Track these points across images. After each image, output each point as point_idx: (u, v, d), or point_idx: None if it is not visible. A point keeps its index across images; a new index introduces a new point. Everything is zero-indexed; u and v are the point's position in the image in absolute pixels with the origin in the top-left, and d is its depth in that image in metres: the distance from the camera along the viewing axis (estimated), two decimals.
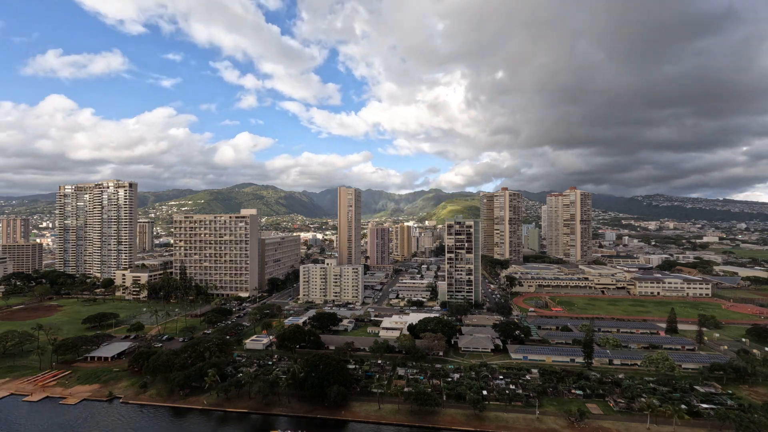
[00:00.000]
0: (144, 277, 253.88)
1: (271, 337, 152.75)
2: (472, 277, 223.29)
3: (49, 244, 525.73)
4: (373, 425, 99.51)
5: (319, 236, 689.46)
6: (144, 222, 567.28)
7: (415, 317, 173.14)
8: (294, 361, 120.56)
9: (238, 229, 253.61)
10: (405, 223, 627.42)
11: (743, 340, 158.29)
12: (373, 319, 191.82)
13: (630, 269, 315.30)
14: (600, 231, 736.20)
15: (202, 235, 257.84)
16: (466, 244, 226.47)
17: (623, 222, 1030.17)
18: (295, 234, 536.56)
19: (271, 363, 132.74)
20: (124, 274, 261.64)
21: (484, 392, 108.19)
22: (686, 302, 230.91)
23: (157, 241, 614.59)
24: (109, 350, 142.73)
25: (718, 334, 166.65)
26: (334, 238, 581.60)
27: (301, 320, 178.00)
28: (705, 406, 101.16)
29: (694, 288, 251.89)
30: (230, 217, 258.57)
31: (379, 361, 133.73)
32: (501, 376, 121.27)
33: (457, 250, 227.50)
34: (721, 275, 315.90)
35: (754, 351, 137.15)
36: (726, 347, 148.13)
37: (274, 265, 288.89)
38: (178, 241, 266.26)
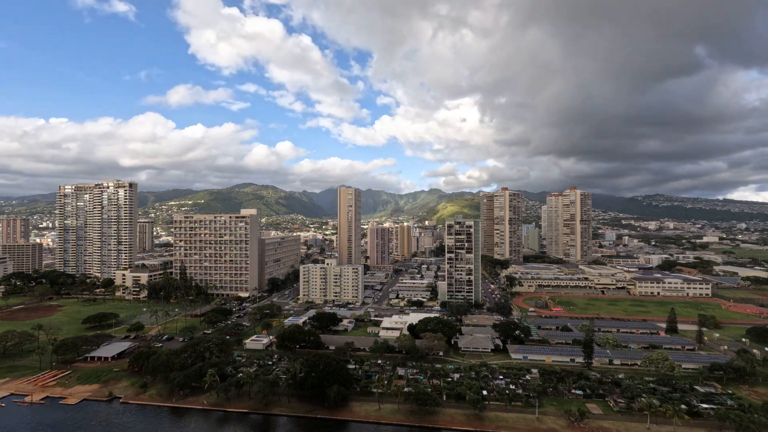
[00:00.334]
0: (144, 277, 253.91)
1: (271, 337, 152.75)
2: (472, 277, 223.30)
3: (49, 244, 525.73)
4: (373, 425, 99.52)
5: (319, 236, 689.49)
6: (144, 222, 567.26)
7: (415, 317, 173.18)
8: (294, 361, 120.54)
9: (238, 229, 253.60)
10: (405, 223, 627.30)
11: (743, 340, 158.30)
12: (373, 319, 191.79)
13: (630, 269, 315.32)
14: (600, 231, 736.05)
15: (202, 235, 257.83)
16: (466, 244, 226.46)
17: (623, 222, 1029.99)
18: (295, 234, 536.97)
19: (271, 363, 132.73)
20: (124, 274, 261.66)
21: (484, 392, 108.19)
22: (686, 302, 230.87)
23: (157, 241, 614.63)
24: (109, 350, 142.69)
25: (718, 334, 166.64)
26: (334, 238, 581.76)
27: (301, 320, 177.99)
28: (705, 406, 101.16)
29: (694, 288, 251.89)
30: (230, 217, 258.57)
31: (379, 361, 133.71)
32: (501, 376, 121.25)
33: (457, 250, 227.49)
34: (721, 275, 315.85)
35: (754, 351, 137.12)
36: (726, 347, 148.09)
37: (274, 265, 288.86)
38: (178, 241, 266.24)
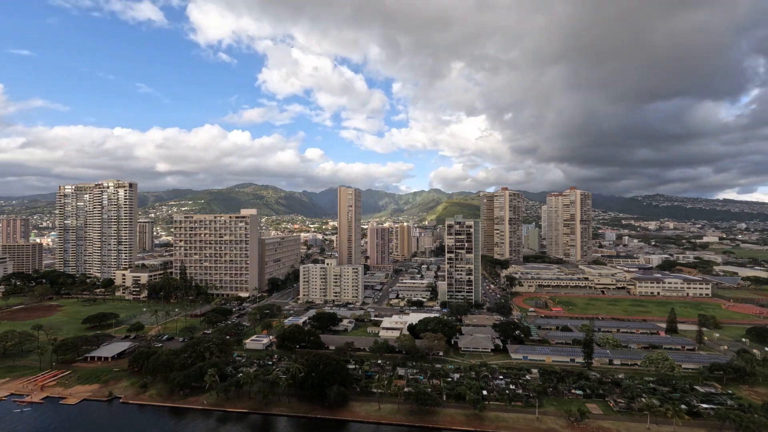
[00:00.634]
0: (144, 277, 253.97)
1: (271, 337, 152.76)
2: (472, 277, 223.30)
3: (49, 244, 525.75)
4: (373, 425, 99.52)
5: (319, 236, 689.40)
6: (144, 222, 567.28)
7: (415, 317, 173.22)
8: (294, 361, 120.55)
9: (238, 229, 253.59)
10: (405, 223, 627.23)
11: (743, 340, 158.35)
12: (373, 319, 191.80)
13: (630, 269, 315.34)
14: (600, 231, 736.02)
15: (202, 235, 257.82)
16: (466, 244, 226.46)
17: (623, 222, 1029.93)
18: (295, 234, 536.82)
19: (271, 363, 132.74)
20: (124, 274, 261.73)
21: (484, 392, 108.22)
22: (686, 302, 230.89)
23: (157, 241, 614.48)
24: (109, 350, 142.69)
25: (718, 334, 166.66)
26: (334, 238, 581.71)
27: (301, 320, 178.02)
28: (705, 406, 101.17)
29: (694, 288, 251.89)
30: (230, 217, 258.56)
31: (379, 361, 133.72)
32: (501, 376, 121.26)
33: (457, 250, 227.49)
34: (721, 275, 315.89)
35: (754, 351, 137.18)
36: (726, 347, 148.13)
37: (274, 265, 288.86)
38: (178, 241, 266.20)
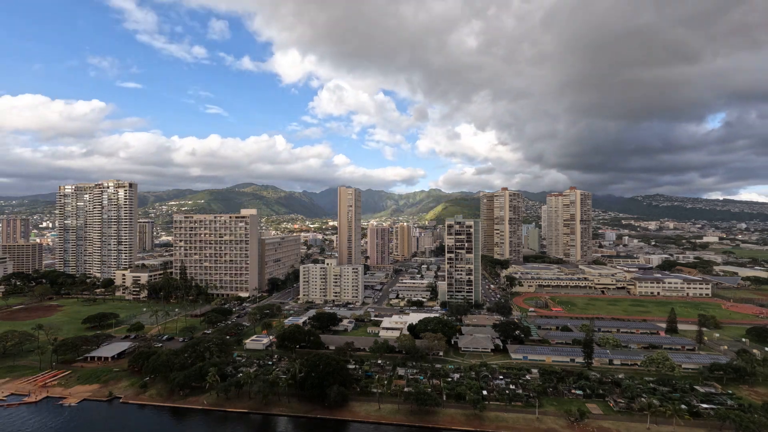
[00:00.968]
0: (144, 277, 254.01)
1: (271, 337, 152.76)
2: (472, 277, 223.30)
3: (49, 244, 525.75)
4: (373, 425, 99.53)
5: (319, 236, 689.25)
6: (144, 222, 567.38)
7: (415, 317, 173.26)
8: (294, 361, 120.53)
9: (238, 229, 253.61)
10: (405, 223, 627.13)
11: (743, 340, 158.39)
12: (373, 319, 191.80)
13: (630, 269, 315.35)
14: (600, 231, 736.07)
15: (202, 235, 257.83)
16: (466, 244, 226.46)
17: (623, 222, 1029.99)
18: (295, 234, 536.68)
19: (271, 363, 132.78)
20: (124, 274, 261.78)
21: (484, 392, 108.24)
22: (686, 302, 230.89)
23: (157, 241, 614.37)
24: (109, 350, 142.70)
25: (718, 334, 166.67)
26: (334, 238, 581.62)
27: (301, 320, 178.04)
28: (705, 406, 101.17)
29: (694, 288, 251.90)
30: (230, 217, 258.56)
31: (379, 361, 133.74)
32: (501, 376, 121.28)
33: (457, 250, 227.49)
34: (721, 275, 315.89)
35: (754, 351, 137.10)
36: (726, 347, 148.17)
37: (274, 265, 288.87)
38: (178, 241, 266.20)
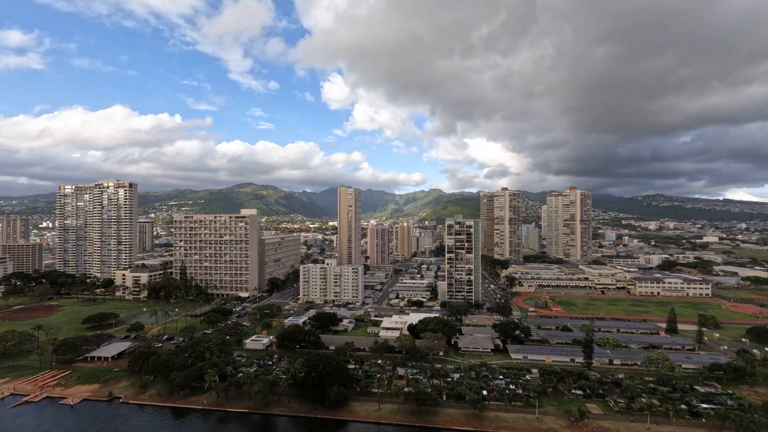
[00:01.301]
0: (144, 277, 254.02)
1: (271, 337, 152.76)
2: (472, 277, 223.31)
3: (49, 244, 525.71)
4: (373, 425, 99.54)
5: (319, 236, 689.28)
6: (144, 222, 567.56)
7: (415, 317, 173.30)
8: (294, 361, 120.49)
9: (238, 229, 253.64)
10: (405, 223, 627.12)
11: (743, 340, 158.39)
12: (373, 319, 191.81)
13: (630, 269, 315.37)
14: (600, 231, 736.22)
15: (202, 235, 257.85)
16: (466, 244, 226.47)
17: (623, 222, 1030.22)
18: (295, 234, 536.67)
19: (271, 363, 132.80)
20: (124, 274, 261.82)
21: (484, 392, 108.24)
22: (686, 302, 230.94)
23: (157, 241, 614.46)
24: (109, 350, 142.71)
25: (718, 334, 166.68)
26: (334, 238, 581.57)
27: (301, 320, 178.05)
28: (705, 406, 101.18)
29: (694, 288, 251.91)
30: (230, 217, 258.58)
31: (379, 361, 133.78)
32: (501, 376, 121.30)
33: (457, 250, 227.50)
34: (721, 275, 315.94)
35: (754, 351, 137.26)
36: (726, 347, 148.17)
37: (274, 265, 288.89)
38: (178, 241, 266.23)
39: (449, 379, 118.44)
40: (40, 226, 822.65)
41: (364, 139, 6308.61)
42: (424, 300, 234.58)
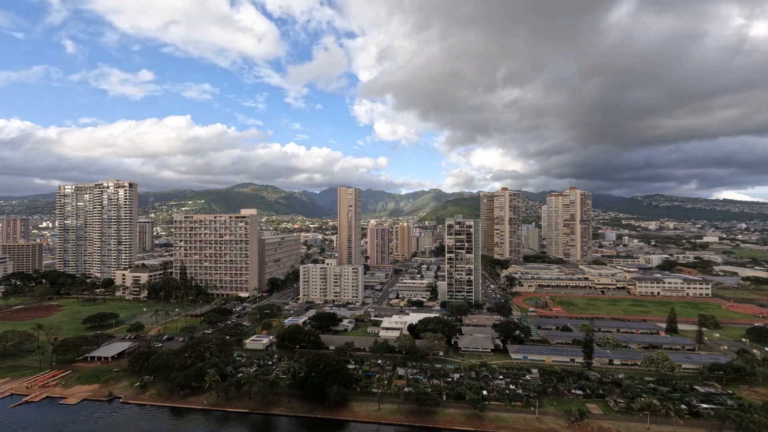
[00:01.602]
0: (144, 277, 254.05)
1: (271, 337, 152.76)
2: (472, 277, 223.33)
3: (49, 244, 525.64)
4: (373, 425, 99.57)
5: (319, 236, 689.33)
6: (144, 222, 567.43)
7: (415, 317, 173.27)
8: (294, 361, 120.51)
9: (238, 229, 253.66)
10: (405, 223, 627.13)
11: (743, 340, 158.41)
12: (373, 319, 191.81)
13: (630, 269, 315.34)
14: (600, 231, 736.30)
15: (202, 235, 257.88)
16: (466, 244, 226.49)
17: (623, 222, 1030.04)
18: (295, 234, 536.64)
19: (271, 363, 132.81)
20: (124, 274, 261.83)
21: (484, 392, 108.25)
22: (686, 302, 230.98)
23: (157, 241, 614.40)
24: (109, 350, 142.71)
25: (718, 334, 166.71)
26: (334, 238, 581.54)
27: (301, 320, 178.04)
28: (705, 406, 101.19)
29: (694, 288, 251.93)
30: (230, 217, 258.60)
31: (379, 361, 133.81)
32: (501, 376, 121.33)
33: (457, 250, 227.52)
34: (721, 275, 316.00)
35: (754, 351, 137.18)
36: (726, 347, 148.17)
37: (274, 265, 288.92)
38: (178, 241, 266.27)
39: (449, 379, 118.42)
40: (40, 226, 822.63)
41: (383, 149, 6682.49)
42: (424, 300, 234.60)
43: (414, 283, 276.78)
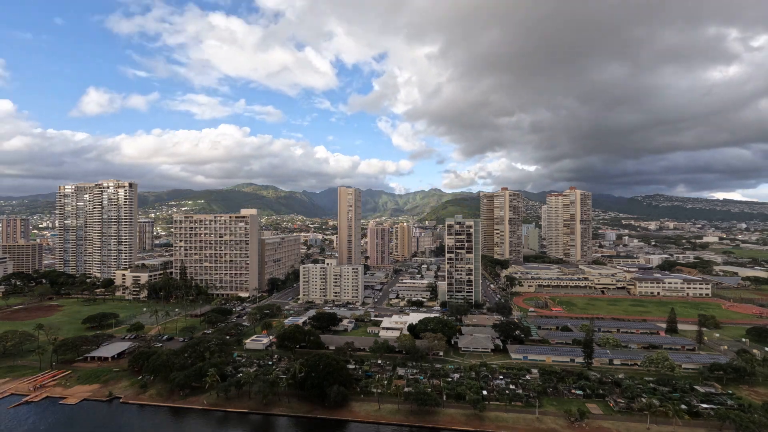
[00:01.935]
0: (144, 277, 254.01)
1: (271, 337, 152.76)
2: (472, 277, 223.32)
3: (49, 244, 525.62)
4: (373, 425, 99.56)
5: (319, 236, 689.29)
6: (144, 222, 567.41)
7: (415, 317, 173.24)
8: (294, 361, 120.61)
9: (238, 229, 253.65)
10: (405, 223, 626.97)
11: (743, 340, 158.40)
12: (373, 319, 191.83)
13: (630, 269, 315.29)
14: (600, 231, 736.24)
15: (202, 235, 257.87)
16: (466, 244, 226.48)
17: (623, 222, 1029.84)
18: (295, 234, 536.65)
19: (271, 363, 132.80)
20: (124, 274, 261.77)
21: (484, 392, 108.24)
22: (686, 302, 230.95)
23: (157, 241, 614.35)
24: (109, 350, 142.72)
25: (718, 334, 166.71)
26: (334, 238, 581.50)
27: (301, 320, 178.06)
28: (705, 406, 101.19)
29: (694, 288, 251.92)
30: (230, 217, 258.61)
31: (379, 361, 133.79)
32: (501, 376, 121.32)
33: (457, 250, 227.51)
34: (721, 275, 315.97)
35: (754, 351, 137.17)
36: (726, 347, 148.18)
37: (274, 265, 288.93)
38: (178, 241, 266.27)
39: (449, 379, 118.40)
40: (40, 226, 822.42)
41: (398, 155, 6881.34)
42: (424, 300, 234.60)
43: (414, 283, 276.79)
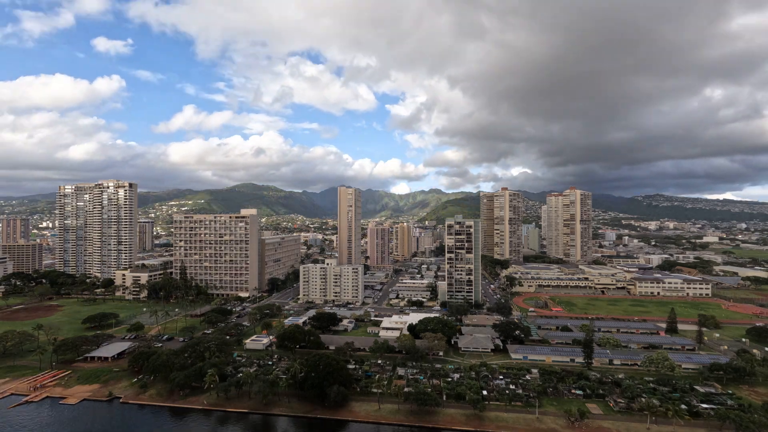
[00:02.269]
0: (144, 277, 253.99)
1: (271, 337, 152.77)
2: (472, 277, 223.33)
3: (49, 244, 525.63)
4: (373, 425, 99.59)
5: (319, 236, 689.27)
6: (144, 222, 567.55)
7: (415, 317, 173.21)
8: (294, 361, 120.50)
9: (238, 229, 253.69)
10: (405, 223, 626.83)
11: (743, 340, 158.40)
12: (373, 319, 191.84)
13: (630, 269, 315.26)
14: (600, 231, 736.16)
15: (202, 235, 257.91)
16: (466, 244, 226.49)
17: (623, 222, 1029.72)
18: (295, 234, 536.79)
19: (271, 363, 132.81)
20: (124, 274, 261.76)
21: (484, 392, 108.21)
22: (686, 302, 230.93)
23: (157, 241, 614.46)
24: (109, 350, 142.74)
25: (718, 334, 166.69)
26: (334, 238, 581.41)
27: (301, 320, 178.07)
28: (705, 406, 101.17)
29: (694, 288, 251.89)
30: (230, 217, 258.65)
31: (379, 361, 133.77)
32: (501, 376, 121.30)
33: (457, 250, 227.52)
34: (721, 275, 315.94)
35: (754, 351, 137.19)
36: (726, 347, 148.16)
37: (274, 265, 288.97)
38: (178, 241, 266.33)
39: (449, 379, 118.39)
40: (40, 226, 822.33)
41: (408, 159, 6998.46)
42: (424, 300, 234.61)
43: (414, 283, 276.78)
